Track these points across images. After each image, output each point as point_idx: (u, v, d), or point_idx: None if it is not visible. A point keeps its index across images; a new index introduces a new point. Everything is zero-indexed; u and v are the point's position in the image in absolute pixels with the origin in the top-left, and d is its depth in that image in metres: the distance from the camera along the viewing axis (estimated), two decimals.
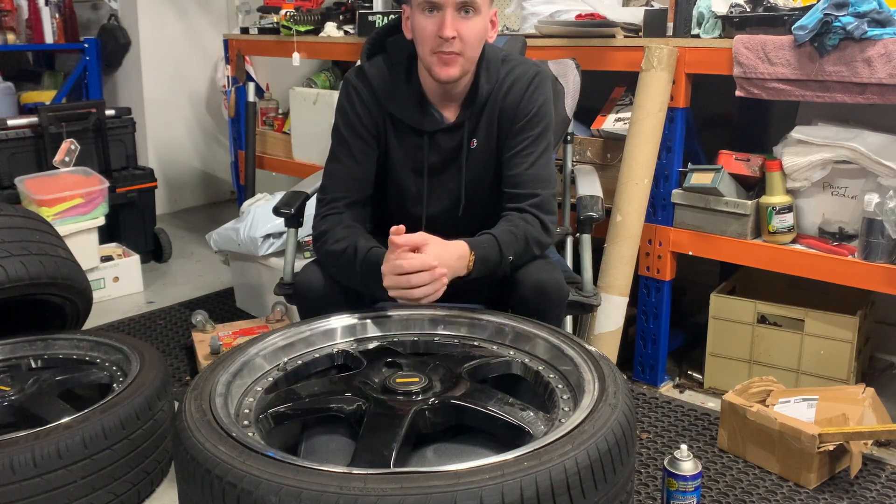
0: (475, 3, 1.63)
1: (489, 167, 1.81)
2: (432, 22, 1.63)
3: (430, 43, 1.64)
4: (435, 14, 1.63)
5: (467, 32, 1.64)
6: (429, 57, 1.66)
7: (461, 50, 1.64)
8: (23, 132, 3.32)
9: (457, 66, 1.66)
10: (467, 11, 1.63)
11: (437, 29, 1.62)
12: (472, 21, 1.64)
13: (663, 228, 2.39)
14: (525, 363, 1.51)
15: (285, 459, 1.11)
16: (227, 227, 3.06)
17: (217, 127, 4.82)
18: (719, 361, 2.44)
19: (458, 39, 1.63)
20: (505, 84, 1.77)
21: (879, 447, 2.12)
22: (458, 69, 1.66)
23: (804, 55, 2.05)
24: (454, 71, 1.66)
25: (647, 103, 2.28)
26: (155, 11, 4.47)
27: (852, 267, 2.08)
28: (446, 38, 1.61)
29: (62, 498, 1.69)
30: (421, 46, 1.67)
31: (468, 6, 1.63)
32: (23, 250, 2.06)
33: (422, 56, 1.69)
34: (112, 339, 2.16)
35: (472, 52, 1.68)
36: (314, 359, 1.56)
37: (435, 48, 1.64)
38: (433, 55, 1.65)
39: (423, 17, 1.64)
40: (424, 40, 1.65)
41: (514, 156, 1.76)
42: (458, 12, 1.62)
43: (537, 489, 1.06)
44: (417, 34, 1.67)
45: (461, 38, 1.63)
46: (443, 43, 1.62)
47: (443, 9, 1.62)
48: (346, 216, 1.74)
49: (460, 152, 1.79)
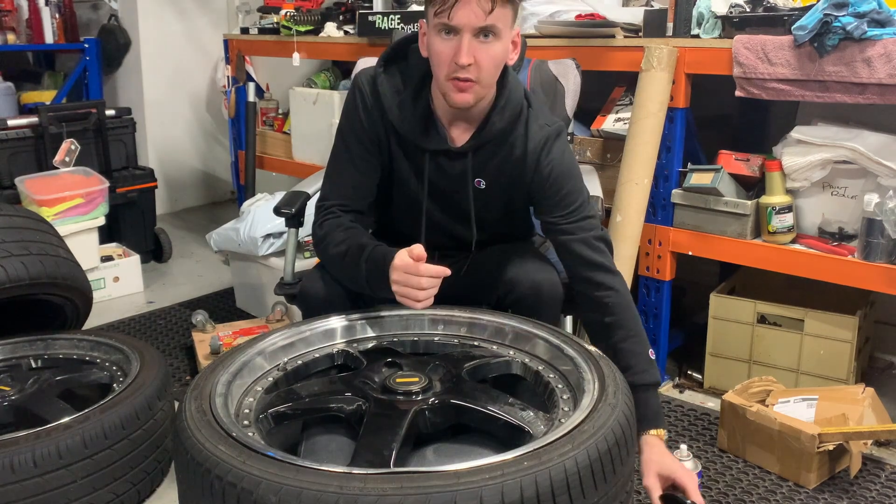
0: (496, 27, 1.52)
1: (498, 205, 1.77)
2: (449, 46, 1.52)
3: (445, 68, 1.54)
4: (452, 37, 1.52)
5: (485, 59, 1.53)
6: (444, 83, 1.56)
7: (477, 77, 1.54)
8: (23, 132, 3.32)
9: (472, 94, 1.57)
10: (486, 36, 1.52)
11: (453, 54, 1.51)
12: (491, 46, 1.53)
13: (663, 228, 2.39)
14: (525, 363, 1.51)
15: (285, 459, 1.11)
16: (227, 227, 3.06)
17: (217, 127, 4.82)
18: (719, 361, 2.44)
19: (475, 66, 1.53)
20: (529, 144, 1.68)
21: (879, 447, 2.12)
22: (472, 96, 1.57)
23: (804, 55, 2.05)
24: (469, 97, 1.57)
25: (646, 103, 2.28)
26: (155, 11, 4.47)
27: (852, 267, 2.09)
28: (462, 66, 1.51)
29: (62, 498, 1.69)
30: (437, 70, 1.57)
31: (488, 31, 1.51)
32: (23, 250, 2.06)
33: (437, 79, 1.59)
34: (112, 339, 2.16)
35: (489, 78, 1.58)
36: (314, 359, 1.56)
37: (450, 74, 1.54)
38: (449, 81, 1.55)
39: (440, 40, 1.53)
40: (440, 64, 1.55)
41: (558, 227, 1.69)
42: (476, 37, 1.51)
43: (537, 489, 1.06)
44: (433, 57, 1.57)
45: (478, 65, 1.53)
46: (458, 69, 1.52)
47: (460, 33, 1.51)
48: (344, 219, 1.71)
49: (465, 184, 1.72)
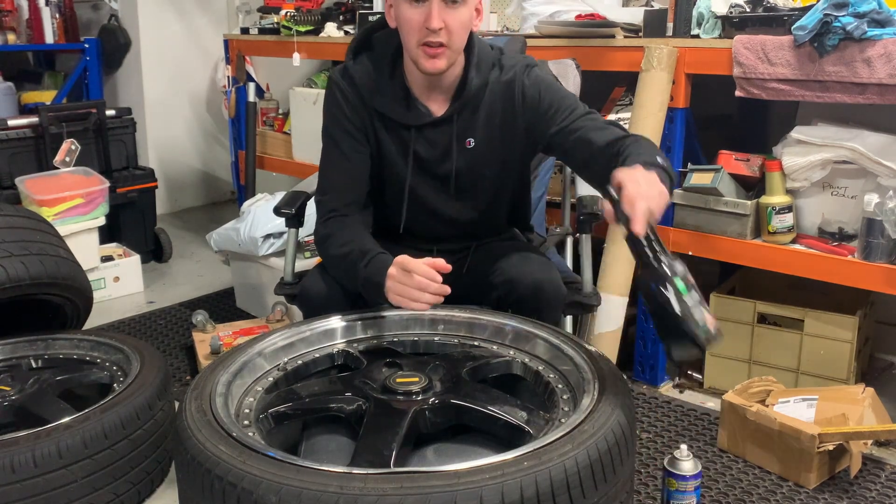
0: None
1: (491, 165, 1.79)
2: (418, 13, 1.59)
3: (416, 34, 1.61)
4: (421, 5, 1.59)
5: (454, 23, 1.60)
6: (415, 49, 1.63)
7: (447, 41, 1.61)
8: (23, 132, 3.32)
9: (443, 59, 1.63)
10: (454, 1, 1.59)
11: (423, 20, 1.58)
12: (458, 11, 1.61)
13: (663, 228, 2.39)
14: (525, 363, 1.51)
15: (285, 459, 1.11)
16: (227, 227, 3.06)
17: (217, 127, 4.82)
18: (719, 361, 2.44)
19: (445, 30, 1.60)
20: (506, 76, 1.73)
21: (879, 447, 2.12)
22: (444, 61, 1.64)
23: (804, 55, 2.05)
24: (441, 63, 1.63)
25: (647, 103, 2.28)
26: (155, 11, 4.47)
27: (852, 267, 2.08)
28: (433, 30, 1.58)
29: (62, 498, 1.69)
30: (407, 38, 1.64)
31: None
32: (23, 250, 2.07)
33: (407, 48, 1.66)
34: (112, 339, 2.16)
35: (459, 42, 1.65)
36: (314, 359, 1.56)
37: (421, 40, 1.61)
38: (419, 47, 1.62)
39: (409, 7, 1.60)
40: (410, 31, 1.62)
41: (567, 130, 1.70)
42: (444, 2, 1.59)
43: (537, 489, 1.06)
44: (403, 25, 1.63)
45: (447, 29, 1.60)
46: (429, 34, 1.59)
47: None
48: (348, 219, 1.73)
49: (452, 149, 1.77)
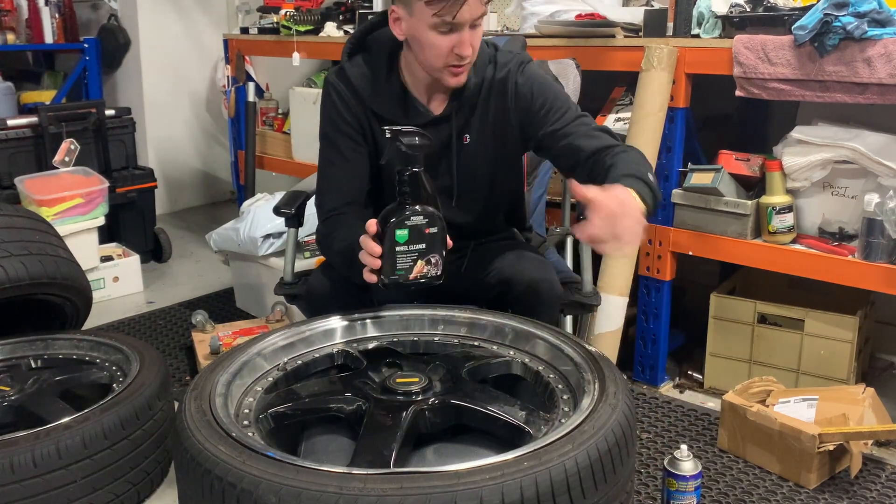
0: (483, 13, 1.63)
1: (485, 162, 1.80)
2: (448, 40, 1.60)
3: (444, 59, 1.62)
4: (451, 33, 1.60)
5: (477, 42, 1.65)
6: (440, 70, 1.65)
7: (471, 59, 1.66)
8: (23, 132, 3.32)
9: (466, 73, 1.68)
10: (478, 24, 1.63)
11: (452, 46, 1.60)
12: (480, 30, 1.64)
13: (663, 228, 2.39)
14: (525, 363, 1.51)
15: (285, 459, 1.11)
16: (227, 227, 3.06)
17: (217, 127, 4.82)
18: (719, 361, 2.44)
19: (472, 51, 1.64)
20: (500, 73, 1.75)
21: (879, 447, 2.12)
22: (466, 75, 1.68)
23: (804, 55, 2.05)
24: (464, 77, 1.68)
25: (647, 103, 2.28)
26: (155, 11, 4.47)
27: (852, 267, 2.08)
28: (465, 56, 1.62)
29: (62, 498, 1.69)
30: (431, 61, 1.64)
31: (478, 19, 1.62)
32: (23, 250, 2.06)
33: (429, 67, 1.66)
34: (112, 339, 2.16)
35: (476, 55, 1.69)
36: (314, 359, 1.56)
37: (449, 62, 1.63)
38: (447, 69, 1.64)
39: (437, 35, 1.60)
40: (437, 56, 1.62)
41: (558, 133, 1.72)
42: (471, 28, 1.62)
43: (537, 489, 1.06)
44: (428, 49, 1.63)
45: (473, 50, 1.64)
46: (460, 59, 1.62)
47: (462, 28, 1.59)
48: (347, 217, 1.74)
49: (451, 145, 1.77)
